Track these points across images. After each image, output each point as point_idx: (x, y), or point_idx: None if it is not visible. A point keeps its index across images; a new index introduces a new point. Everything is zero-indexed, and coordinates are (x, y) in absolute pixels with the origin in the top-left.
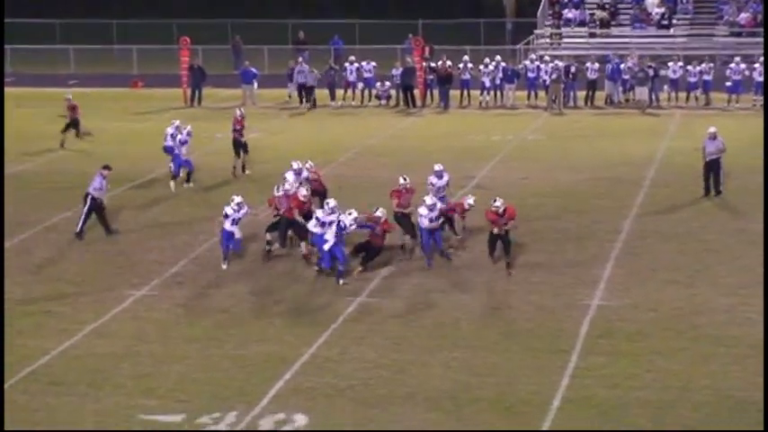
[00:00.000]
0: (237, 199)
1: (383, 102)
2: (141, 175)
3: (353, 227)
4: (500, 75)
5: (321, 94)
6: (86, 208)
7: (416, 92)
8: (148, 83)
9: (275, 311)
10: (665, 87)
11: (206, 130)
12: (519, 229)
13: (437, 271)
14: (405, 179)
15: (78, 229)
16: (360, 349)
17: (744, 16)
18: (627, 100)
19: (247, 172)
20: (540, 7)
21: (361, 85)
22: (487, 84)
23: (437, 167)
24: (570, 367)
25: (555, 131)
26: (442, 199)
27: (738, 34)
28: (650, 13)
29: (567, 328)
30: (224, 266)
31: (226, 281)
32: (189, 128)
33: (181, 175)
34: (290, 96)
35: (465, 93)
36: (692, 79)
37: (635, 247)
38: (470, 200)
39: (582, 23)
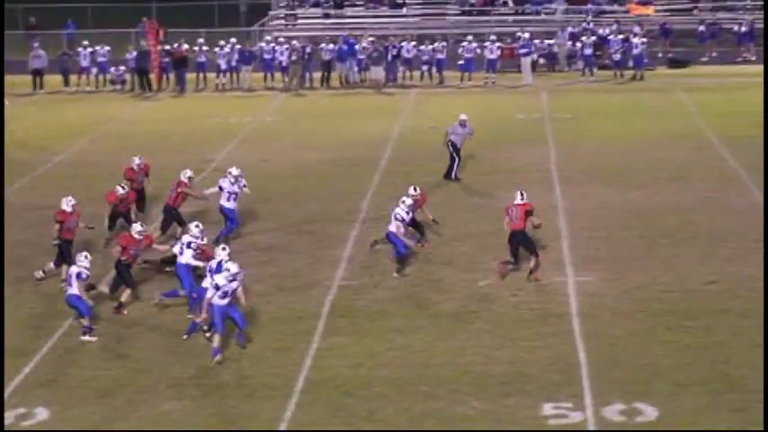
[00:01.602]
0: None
1: (118, 86)
2: None
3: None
4: (236, 57)
5: (55, 79)
6: None
7: (152, 75)
8: None
9: (13, 303)
10: (400, 66)
11: None
12: (258, 211)
13: None
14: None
15: None
16: (100, 339)
17: None
18: (363, 80)
19: None
20: None
21: (95, 69)
22: (223, 66)
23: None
24: (313, 348)
25: (293, 112)
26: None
27: (470, 13)
28: None
29: (308, 309)
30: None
31: None
32: None
33: None
34: None
35: (201, 75)
36: (426, 58)
37: (374, 227)
38: None
39: (316, 4)
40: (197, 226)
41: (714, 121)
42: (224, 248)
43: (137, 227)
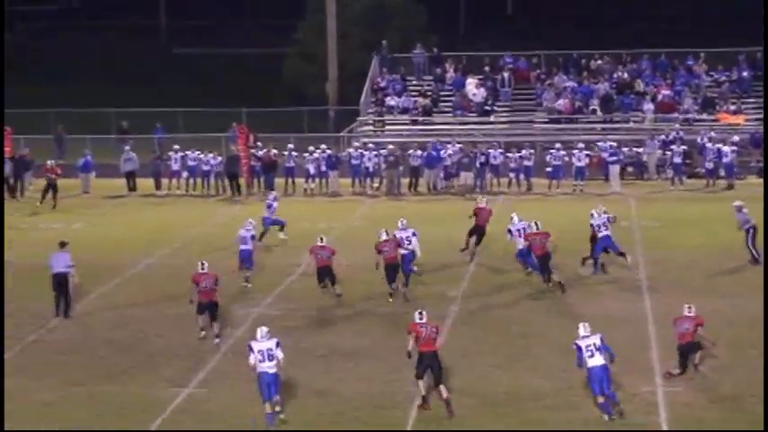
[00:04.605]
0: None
1: (210, 191)
2: None
3: None
4: (324, 162)
5: (146, 183)
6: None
7: (241, 180)
8: None
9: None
10: (487, 173)
11: (29, 222)
12: (339, 315)
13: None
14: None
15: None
16: None
17: (561, 102)
18: (450, 186)
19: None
20: (363, 95)
21: (185, 173)
22: (312, 171)
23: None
24: None
25: (380, 218)
26: None
27: (557, 120)
28: (471, 100)
29: (396, 416)
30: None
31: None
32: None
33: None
34: None
35: (290, 180)
36: (513, 165)
37: (460, 332)
38: None
39: (405, 111)
40: None
41: None
42: None
43: None
